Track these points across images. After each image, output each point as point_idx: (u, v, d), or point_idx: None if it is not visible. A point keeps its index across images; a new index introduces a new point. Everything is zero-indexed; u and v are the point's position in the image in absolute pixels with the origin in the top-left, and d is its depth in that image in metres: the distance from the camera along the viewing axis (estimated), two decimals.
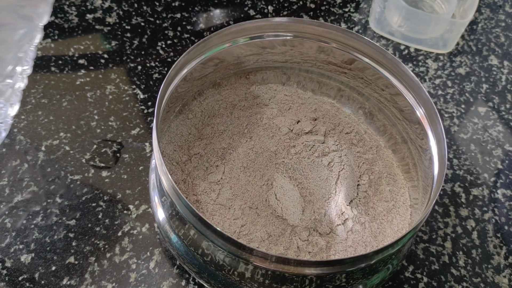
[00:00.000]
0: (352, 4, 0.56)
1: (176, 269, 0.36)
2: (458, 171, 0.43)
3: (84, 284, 0.35)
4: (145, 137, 0.43)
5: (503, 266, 0.38)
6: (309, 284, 0.28)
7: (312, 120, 0.40)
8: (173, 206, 0.29)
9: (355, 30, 0.54)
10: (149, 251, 0.36)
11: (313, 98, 0.42)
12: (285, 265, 0.27)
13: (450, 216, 0.40)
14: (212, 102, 0.40)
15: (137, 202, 0.39)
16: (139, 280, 0.35)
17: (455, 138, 0.46)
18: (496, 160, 0.44)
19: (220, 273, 0.30)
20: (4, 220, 0.37)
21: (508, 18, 0.57)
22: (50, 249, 0.36)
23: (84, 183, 0.40)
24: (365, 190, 0.37)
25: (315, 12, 0.55)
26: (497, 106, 0.49)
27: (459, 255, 0.38)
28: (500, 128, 0.47)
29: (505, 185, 0.43)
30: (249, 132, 0.39)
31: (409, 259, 0.38)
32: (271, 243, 0.33)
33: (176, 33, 0.51)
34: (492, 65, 0.52)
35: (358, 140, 0.40)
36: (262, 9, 0.55)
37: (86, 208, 0.38)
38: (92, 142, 0.42)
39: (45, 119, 0.43)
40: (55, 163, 0.40)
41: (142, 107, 0.45)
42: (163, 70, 0.48)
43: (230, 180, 0.35)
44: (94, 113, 0.44)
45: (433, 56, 0.52)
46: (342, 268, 0.27)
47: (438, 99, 0.48)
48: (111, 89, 0.46)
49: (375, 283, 0.32)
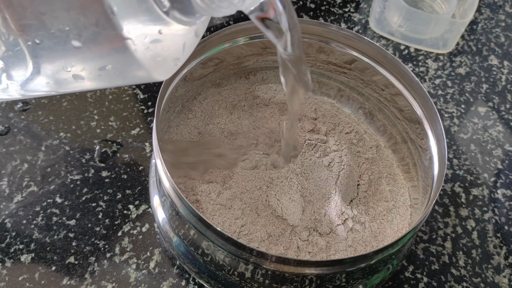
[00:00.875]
0: (352, 4, 0.56)
1: (176, 269, 0.36)
2: (458, 171, 0.43)
3: (84, 284, 0.35)
4: (145, 137, 0.43)
5: (503, 266, 0.38)
6: (309, 284, 0.28)
7: (313, 120, 0.40)
8: (173, 206, 0.29)
9: (355, 30, 0.54)
10: (149, 251, 0.36)
11: (313, 98, 0.42)
12: (285, 265, 0.27)
13: (450, 216, 0.40)
14: (212, 102, 0.40)
15: (137, 202, 0.39)
16: (139, 280, 0.35)
17: (455, 138, 0.46)
18: (496, 160, 0.44)
19: (220, 273, 0.30)
20: (4, 220, 0.37)
21: (508, 18, 0.57)
22: (50, 249, 0.36)
23: (84, 183, 0.40)
24: (365, 190, 0.37)
25: (315, 12, 0.55)
26: (497, 106, 0.49)
27: (459, 255, 0.38)
28: (500, 128, 0.47)
29: (505, 185, 0.43)
30: (249, 132, 0.39)
31: (409, 259, 0.38)
32: (271, 243, 0.33)
33: None
34: (492, 65, 0.52)
35: (358, 140, 0.40)
36: None
37: (86, 208, 0.38)
38: (92, 142, 0.42)
39: (45, 119, 0.43)
40: (55, 163, 0.40)
41: (142, 107, 0.45)
42: None
43: (230, 180, 0.35)
44: (94, 113, 0.44)
45: (433, 56, 0.52)
46: (342, 268, 0.27)
47: (438, 99, 0.48)
48: (111, 89, 0.46)
49: (375, 283, 0.32)
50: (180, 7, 0.20)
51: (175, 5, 0.19)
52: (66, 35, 0.19)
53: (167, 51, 0.21)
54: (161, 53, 0.21)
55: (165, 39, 0.20)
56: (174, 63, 0.22)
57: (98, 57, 0.20)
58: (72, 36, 0.19)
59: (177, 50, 0.22)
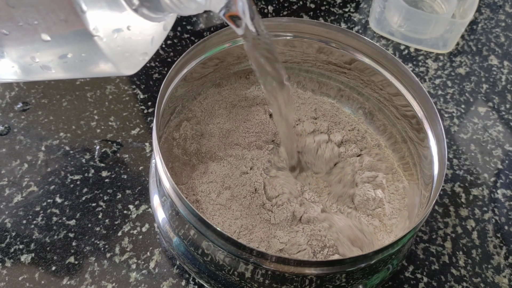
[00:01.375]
0: (352, 4, 0.56)
1: (176, 269, 0.36)
2: (458, 171, 0.43)
3: (84, 284, 0.35)
4: (145, 137, 0.43)
5: (503, 266, 0.38)
6: (309, 284, 0.28)
7: (313, 119, 0.40)
8: (173, 206, 0.29)
9: (355, 30, 0.54)
10: (149, 251, 0.36)
11: (313, 98, 0.42)
12: (285, 265, 0.27)
13: (450, 216, 0.40)
14: (212, 102, 0.40)
15: (137, 202, 0.39)
16: (139, 280, 0.35)
17: (455, 138, 0.46)
18: (496, 160, 0.44)
19: (220, 273, 0.30)
20: (4, 220, 0.37)
21: (508, 18, 0.57)
22: (50, 249, 0.36)
23: (84, 183, 0.40)
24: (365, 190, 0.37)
25: (315, 12, 0.55)
26: (497, 106, 0.49)
27: (459, 255, 0.38)
28: (500, 128, 0.47)
29: (505, 185, 0.43)
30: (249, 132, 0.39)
31: (409, 259, 0.38)
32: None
33: (176, 33, 0.51)
34: (492, 65, 0.52)
35: (358, 140, 0.40)
36: (262, 9, 0.55)
37: (86, 208, 0.38)
38: (92, 142, 0.42)
39: (45, 119, 0.43)
40: (55, 163, 0.41)
41: (142, 107, 0.45)
42: (163, 70, 0.48)
43: (230, 180, 0.35)
44: (94, 113, 0.44)
45: (433, 56, 0.52)
46: (342, 268, 0.27)
47: (438, 99, 0.49)
48: (111, 89, 0.46)
49: (375, 283, 0.32)
50: (149, 5, 0.20)
51: (144, 3, 0.20)
52: (35, 29, 0.19)
53: (136, 46, 0.22)
54: (130, 48, 0.21)
55: (134, 35, 0.21)
56: (142, 58, 0.23)
57: (67, 51, 0.20)
58: (41, 29, 0.19)
59: (146, 44, 0.22)
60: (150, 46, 0.23)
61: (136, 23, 0.21)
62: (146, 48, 0.23)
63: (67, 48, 0.20)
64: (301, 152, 0.37)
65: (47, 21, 0.19)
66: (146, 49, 0.23)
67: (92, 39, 0.19)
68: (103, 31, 0.19)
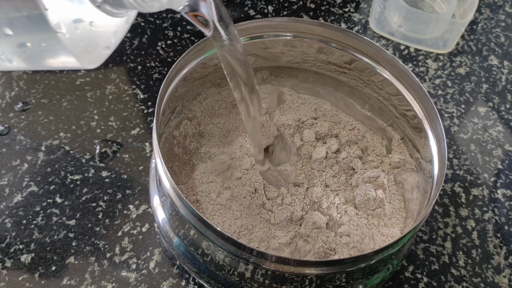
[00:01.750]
0: (352, 4, 0.56)
1: (176, 269, 0.36)
2: (458, 171, 0.43)
3: (84, 284, 0.35)
4: (145, 137, 0.43)
5: (503, 266, 0.38)
6: (309, 284, 0.28)
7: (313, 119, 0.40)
8: (173, 206, 0.29)
9: (355, 30, 0.54)
10: (149, 251, 0.36)
11: (313, 98, 0.42)
12: (285, 265, 0.26)
13: (450, 216, 0.40)
14: (212, 102, 0.40)
15: (137, 202, 0.39)
16: (139, 280, 0.35)
17: (455, 138, 0.46)
18: (496, 160, 0.44)
19: (220, 273, 0.30)
20: (4, 220, 0.37)
21: (508, 18, 0.57)
22: (50, 249, 0.36)
23: (84, 183, 0.40)
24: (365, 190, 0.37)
25: (315, 12, 0.55)
26: (497, 106, 0.49)
27: (459, 255, 0.38)
28: (500, 128, 0.47)
29: (505, 185, 0.43)
30: None
31: (409, 259, 0.38)
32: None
33: (176, 33, 0.51)
34: (492, 65, 0.52)
35: (358, 140, 0.40)
36: (262, 9, 0.55)
37: (86, 208, 0.38)
38: (92, 142, 0.42)
39: (45, 119, 0.43)
40: (55, 163, 0.41)
41: (142, 107, 0.45)
42: (163, 70, 0.48)
43: (230, 180, 0.35)
44: (94, 113, 0.44)
45: (433, 56, 0.52)
46: (342, 268, 0.27)
47: (438, 99, 0.48)
48: (111, 89, 0.46)
49: (375, 283, 0.32)
50: (112, 1, 0.21)
51: (107, 0, 0.20)
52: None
53: (98, 41, 0.22)
54: (92, 43, 0.22)
55: (96, 30, 0.21)
56: (104, 51, 0.23)
57: (29, 46, 0.21)
58: (3, 24, 0.19)
59: (108, 39, 0.23)
60: (113, 40, 0.23)
61: (99, 19, 0.21)
62: (108, 42, 0.23)
63: (26, 37, 0.20)
64: (272, 145, 0.37)
65: (9, 17, 0.19)
66: (109, 43, 0.23)
67: (55, 34, 0.20)
68: (66, 27, 0.20)
